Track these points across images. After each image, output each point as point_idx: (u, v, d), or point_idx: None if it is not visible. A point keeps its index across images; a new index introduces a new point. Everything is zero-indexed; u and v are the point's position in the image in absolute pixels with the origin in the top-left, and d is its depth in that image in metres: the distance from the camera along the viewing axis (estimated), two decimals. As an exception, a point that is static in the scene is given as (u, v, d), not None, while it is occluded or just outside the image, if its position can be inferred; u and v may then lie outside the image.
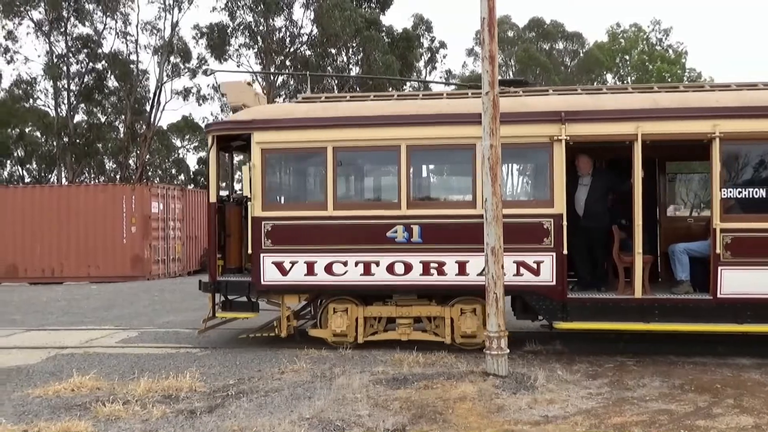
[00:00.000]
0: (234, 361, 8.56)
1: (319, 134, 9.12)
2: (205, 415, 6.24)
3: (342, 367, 8.00)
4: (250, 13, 37.89)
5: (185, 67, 40.16)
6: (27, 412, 6.45)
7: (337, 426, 5.81)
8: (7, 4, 37.34)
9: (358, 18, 35.71)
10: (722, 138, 8.20)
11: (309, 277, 9.03)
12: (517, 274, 8.65)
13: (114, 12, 38.51)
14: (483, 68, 7.83)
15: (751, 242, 8.19)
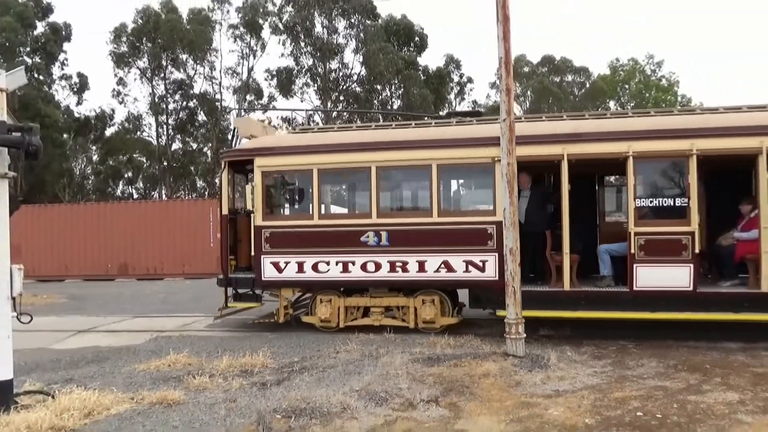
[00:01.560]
0: (298, 343, 8.65)
1: (306, 159, 9.53)
2: (274, 386, 6.33)
3: (386, 348, 7.99)
4: (311, 58, 38.40)
5: (258, 103, 40.91)
6: (133, 383, 6.64)
7: (381, 397, 5.80)
8: (119, 56, 38.73)
9: (398, 60, 35.82)
10: (635, 156, 8.26)
11: (299, 274, 9.42)
12: (467, 271, 8.86)
13: (202, 60, 39.55)
14: (501, 99, 7.77)
15: (660, 244, 8.25)
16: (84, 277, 22.09)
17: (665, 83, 46.08)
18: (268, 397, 5.91)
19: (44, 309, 13.67)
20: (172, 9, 38.27)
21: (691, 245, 8.09)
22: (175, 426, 5.19)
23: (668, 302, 8.22)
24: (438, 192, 9.09)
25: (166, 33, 37.13)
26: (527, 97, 46.84)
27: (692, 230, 8.11)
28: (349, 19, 38.04)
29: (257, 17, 38.51)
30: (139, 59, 39.05)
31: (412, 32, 38.76)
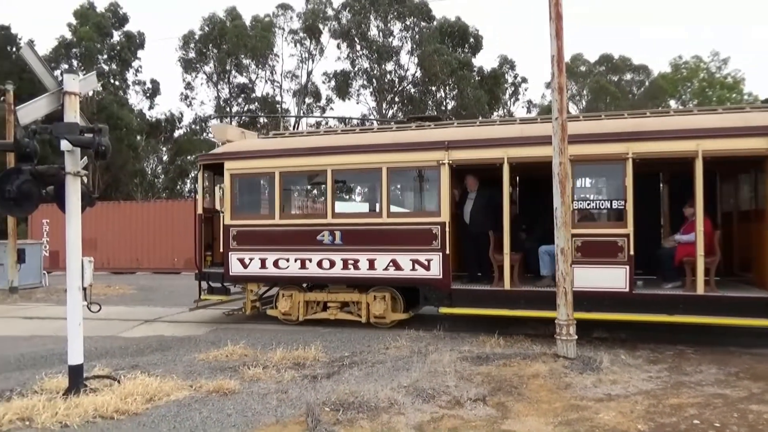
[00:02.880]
0: (349, 338, 8.68)
1: (270, 162, 9.93)
2: (324, 379, 6.36)
3: (435, 345, 7.91)
4: (367, 60, 38.63)
5: (316, 105, 41.55)
6: (192, 371, 6.83)
7: (429, 394, 5.73)
8: (187, 62, 40.18)
9: (453, 61, 35.51)
10: (573, 160, 8.03)
11: (263, 270, 9.89)
12: (413, 270, 9.09)
13: (264, 65, 40.54)
14: (553, 98, 7.53)
15: (594, 245, 8.23)
16: (153, 270, 23.03)
17: (731, 81, 43.60)
18: (318, 390, 5.94)
19: (116, 299, 14.33)
20: (236, 16, 39.39)
21: (627, 247, 8.08)
22: (229, 414, 5.29)
23: (605, 303, 8.20)
24: (388, 194, 9.37)
25: (230, 39, 38.24)
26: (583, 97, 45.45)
27: (627, 233, 8.10)
28: (404, 21, 38.03)
29: (317, 22, 39.07)
30: (205, 64, 40.41)
31: (467, 33, 38.34)
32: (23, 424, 5.10)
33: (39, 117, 5.91)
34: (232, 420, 5.15)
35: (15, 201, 5.69)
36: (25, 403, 5.40)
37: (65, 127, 5.86)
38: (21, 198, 5.72)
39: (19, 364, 7.67)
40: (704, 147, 7.83)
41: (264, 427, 5.00)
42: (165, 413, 5.32)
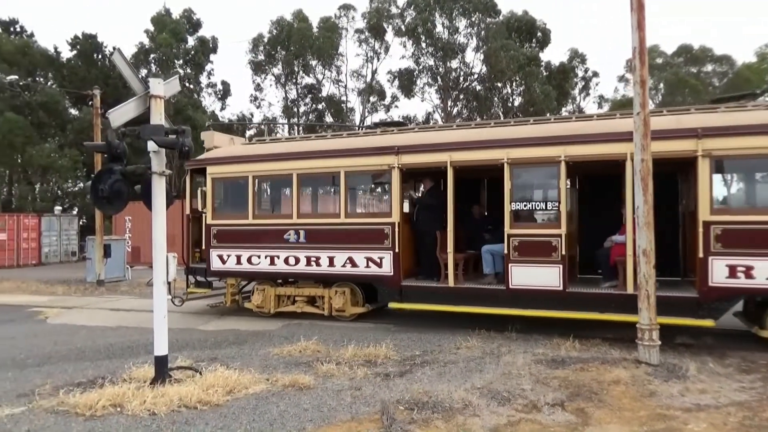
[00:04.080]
0: (419, 336, 8.65)
1: (245, 167, 10.69)
2: (397, 378, 6.36)
3: (507, 346, 7.75)
4: (432, 58, 38.41)
5: (381, 103, 41.76)
6: (268, 365, 7.01)
7: (504, 396, 5.62)
8: (257, 64, 41.37)
9: (520, 56, 34.68)
10: (510, 163, 8.63)
11: (238, 266, 10.66)
12: (368, 267, 9.63)
13: (330, 66, 41.11)
14: (635, 91, 7.19)
15: (530, 245, 8.57)
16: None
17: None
18: (391, 388, 5.95)
19: (192, 293, 14.90)
20: (303, 18, 40.14)
21: (561, 247, 8.33)
22: (305, 409, 5.38)
23: (541, 300, 8.51)
24: (346, 196, 9.95)
25: (297, 41, 39.03)
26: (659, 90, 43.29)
27: (561, 233, 8.36)
28: (469, 17, 37.53)
29: (381, 21, 39.23)
30: (274, 66, 41.44)
31: (534, 28, 37.34)
32: (115, 410, 5.39)
33: (128, 119, 6.23)
34: (309, 415, 5.24)
35: (107, 199, 6.02)
36: (116, 391, 5.71)
37: (152, 129, 6.14)
38: (112, 196, 6.05)
39: (108, 352, 8.13)
40: (631, 149, 7.51)
41: (340, 423, 5.05)
42: (245, 405, 5.48)
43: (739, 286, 7.56)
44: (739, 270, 7.53)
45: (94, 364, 7.34)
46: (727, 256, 7.54)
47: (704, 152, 7.73)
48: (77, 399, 5.57)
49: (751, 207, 8.19)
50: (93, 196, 6.15)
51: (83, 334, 9.79)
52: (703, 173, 7.76)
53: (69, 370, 7.04)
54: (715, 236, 7.68)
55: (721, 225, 7.65)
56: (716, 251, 7.66)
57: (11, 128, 32.13)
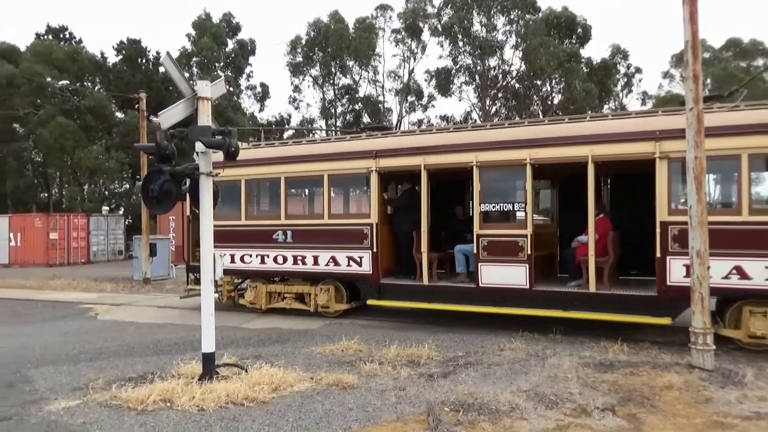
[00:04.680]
0: (461, 337, 8.56)
1: (237, 171, 10.80)
2: (441, 379, 6.31)
3: (552, 349, 7.60)
4: (469, 57, 38.11)
5: (418, 103, 41.68)
6: (311, 364, 7.05)
7: (551, 400, 5.50)
8: (295, 66, 41.85)
9: (560, 53, 34.06)
10: (478, 165, 8.97)
11: (233, 264, 11.18)
12: (349, 265, 10.10)
13: (367, 66, 41.25)
14: (687, 87, 6.94)
15: (498, 245, 8.88)
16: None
17: None
18: (435, 389, 5.90)
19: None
20: (339, 19, 40.39)
21: (527, 247, 8.61)
22: (350, 408, 5.39)
23: (509, 298, 8.80)
24: (329, 198, 10.46)
25: (334, 42, 39.29)
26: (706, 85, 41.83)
27: (527, 233, 8.66)
28: (508, 15, 37.07)
29: (417, 21, 39.14)
30: (311, 68, 41.83)
31: (575, 24, 36.60)
32: (165, 405, 5.51)
33: (177, 121, 6.36)
34: (354, 414, 5.24)
35: (157, 199, 6.17)
36: (166, 386, 5.84)
37: (199, 130, 6.26)
38: (162, 196, 6.20)
39: (156, 349, 8.34)
40: (594, 152, 8.22)
41: (385, 423, 5.03)
42: (290, 403, 5.53)
43: None
44: None
45: (143, 360, 7.54)
46: (684, 256, 7.41)
47: (662, 154, 7.91)
48: (129, 394, 5.72)
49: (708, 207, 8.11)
50: (143, 196, 6.30)
51: (132, 330, 10.08)
52: (661, 175, 7.93)
53: (120, 366, 7.24)
54: (673, 236, 7.84)
55: (678, 225, 7.71)
56: (674, 251, 7.81)
57: (62, 132, 33.37)
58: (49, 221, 27.17)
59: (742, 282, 7.42)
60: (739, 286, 7.45)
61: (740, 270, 7.41)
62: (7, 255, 27.94)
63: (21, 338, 9.53)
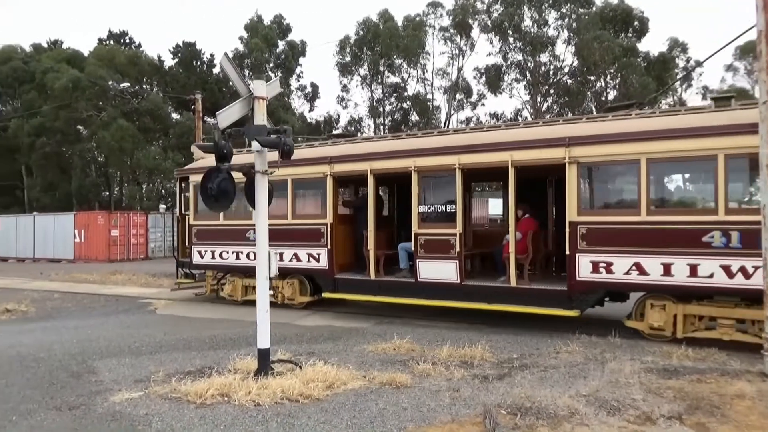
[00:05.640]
0: (516, 338, 8.39)
1: None
2: (496, 381, 6.18)
3: (612, 353, 7.32)
4: (520, 53, 37.45)
5: (467, 101, 41.25)
6: (364, 362, 7.04)
7: (613, 406, 5.28)
8: (343, 66, 42.18)
9: (615, 47, 33.01)
10: (416, 170, 9.80)
11: (213, 260, 12.53)
12: (309, 262, 11.07)
13: (415, 64, 41.15)
14: (760, 79, 6.55)
15: (432, 243, 9.65)
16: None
17: None
18: (491, 391, 5.78)
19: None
20: (389, 18, 40.44)
21: (458, 245, 9.35)
22: (404, 408, 5.34)
23: (443, 292, 9.53)
24: (293, 200, 11.38)
25: (383, 41, 39.36)
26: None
27: (457, 232, 9.39)
28: (560, 9, 36.19)
29: (467, 18, 38.74)
30: (360, 67, 42.05)
31: (631, 17, 35.39)
32: (222, 400, 5.61)
33: (234, 120, 6.46)
34: (408, 414, 5.19)
35: (215, 197, 6.28)
36: (223, 381, 5.95)
37: (256, 129, 6.35)
38: (220, 195, 6.31)
39: (213, 343, 8.53)
40: (514, 157, 8.95)
41: (440, 424, 4.96)
42: (344, 401, 5.53)
43: (600, 280, 8.34)
44: (601, 266, 8.31)
45: (201, 354, 7.72)
46: (590, 253, 8.34)
47: (571, 159, 8.52)
48: (188, 387, 5.86)
49: (610, 209, 8.79)
50: (202, 194, 6.44)
51: (190, 325, 10.36)
52: (571, 178, 8.52)
53: (179, 359, 7.44)
54: (581, 235, 8.45)
55: (585, 225, 8.43)
56: (582, 249, 8.43)
57: (122, 135, 34.81)
58: (111, 219, 28.38)
59: (641, 277, 8.04)
60: (638, 282, 8.09)
61: (639, 266, 8.03)
62: (72, 251, 29.37)
63: (87, 330, 9.96)
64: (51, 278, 21.16)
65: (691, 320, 7.90)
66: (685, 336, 7.80)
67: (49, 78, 37.06)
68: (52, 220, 31.51)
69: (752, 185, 7.83)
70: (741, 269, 7.35)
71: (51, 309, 13.23)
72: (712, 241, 7.52)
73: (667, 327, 7.96)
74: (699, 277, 7.59)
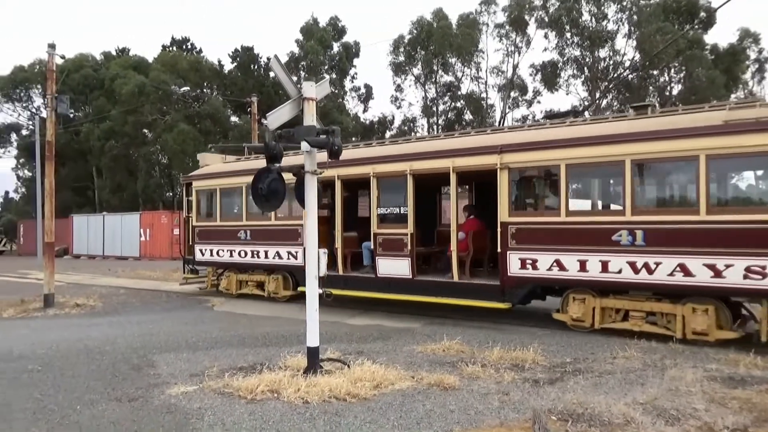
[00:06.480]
0: (569, 342, 8.14)
1: (214, 181, 14.10)
2: (547, 385, 6.01)
3: (673, 359, 6.98)
4: (577, 48, 36.39)
5: (523, 99, 40.46)
6: (413, 363, 7.00)
7: (672, 415, 5.03)
8: (397, 66, 42.22)
9: (680, 39, 31.53)
10: (374, 176, 10.70)
11: (212, 257, 14.15)
12: (288, 259, 12.36)
13: (469, 63, 40.73)
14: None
15: (389, 242, 10.50)
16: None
17: None
18: (541, 396, 5.63)
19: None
20: (442, 17, 40.19)
21: (410, 244, 10.26)
22: (451, 410, 5.27)
23: (399, 286, 10.37)
24: None
25: (437, 40, 39.15)
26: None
27: (409, 232, 10.29)
28: (620, 2, 34.91)
29: (523, 14, 37.99)
30: (414, 67, 41.98)
31: (696, 8, 33.71)
32: (272, 396, 5.71)
33: (284, 121, 6.57)
34: (455, 417, 5.11)
35: (266, 197, 6.41)
36: (273, 377, 6.07)
37: (305, 130, 6.42)
38: (270, 194, 6.43)
39: (265, 340, 8.71)
40: (455, 164, 9.81)
41: (488, 428, 4.86)
42: (391, 401, 5.51)
43: (528, 276, 9.12)
44: (528, 262, 9.08)
45: (254, 351, 7.90)
46: (519, 251, 9.17)
47: (502, 165, 9.29)
48: (240, 382, 6.00)
49: (536, 210, 9.46)
50: (253, 194, 6.58)
51: (244, 322, 10.63)
52: (502, 182, 9.30)
53: (232, 355, 7.64)
54: (511, 234, 9.22)
55: (515, 225, 9.22)
56: (512, 247, 9.22)
57: (184, 138, 36.16)
58: (173, 218, 29.52)
59: (561, 273, 8.77)
60: (559, 277, 8.82)
61: (559, 263, 8.76)
62: (138, 249, 30.77)
63: (149, 325, 10.39)
64: (118, 275, 22.24)
65: (609, 313, 8.65)
66: (602, 327, 8.57)
67: (117, 84, 38.99)
68: (120, 219, 33.15)
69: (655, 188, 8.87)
70: (645, 265, 8.02)
71: (117, 304, 13.89)
72: (620, 240, 8.22)
73: (587, 319, 8.74)
74: (610, 272, 8.31)
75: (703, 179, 7.54)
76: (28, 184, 48.72)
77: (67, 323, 11.18)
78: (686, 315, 7.86)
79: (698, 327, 7.70)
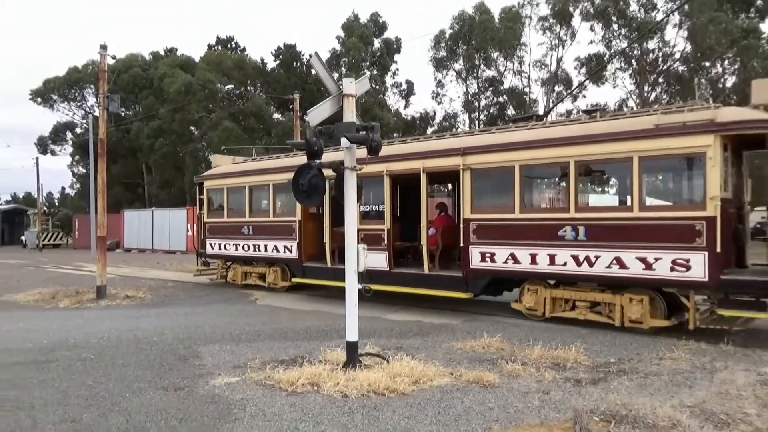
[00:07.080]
0: (614, 342, 7.94)
1: (222, 181, 15.38)
2: (589, 385, 5.88)
3: (723, 362, 6.72)
4: (625, 40, 35.32)
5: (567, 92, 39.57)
6: (452, 359, 6.97)
7: (721, 419, 4.84)
8: (438, 61, 41.99)
9: (734, 29, 30.19)
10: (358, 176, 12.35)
11: (221, 251, 15.35)
12: (283, 252, 13.43)
13: (512, 57, 40.13)
14: None
15: (370, 236, 11.01)
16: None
17: None
18: (583, 396, 5.51)
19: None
20: (484, 11, 39.71)
21: (386, 238, 11.12)
22: (490, 408, 5.23)
23: (379, 277, 10.70)
24: (275, 201, 13.80)
25: (479, 34, 38.71)
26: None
27: (386, 228, 11.13)
28: (670, -9, 33.67)
29: (567, 6, 37.13)
30: (455, 62, 41.64)
31: (753, -5, 32.22)
32: (312, 389, 5.79)
33: (324, 118, 6.63)
34: (494, 414, 5.07)
35: (306, 192, 6.49)
36: (313, 371, 6.14)
37: (345, 126, 6.47)
38: (311, 190, 6.51)
39: (306, 334, 8.83)
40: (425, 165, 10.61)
41: (527, 427, 4.80)
42: (430, 397, 5.51)
43: (487, 268, 9.86)
44: (487, 255, 9.82)
45: (294, 344, 8.03)
46: (479, 245, 9.92)
47: (465, 166, 10.09)
48: (281, 375, 6.11)
49: (495, 207, 9.99)
50: (294, 189, 6.67)
51: (285, 315, 10.81)
52: (465, 182, 10.08)
53: (274, 348, 7.78)
54: (473, 230, 9.98)
55: (476, 221, 9.98)
56: (473, 241, 9.99)
57: (228, 135, 36.96)
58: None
59: (515, 266, 9.49)
60: (514, 269, 9.53)
61: (513, 256, 9.49)
62: (185, 243, 31.66)
63: (194, 317, 10.70)
64: (166, 268, 22.97)
65: (559, 303, 9.39)
66: (552, 315, 9.33)
67: (165, 83, 40.17)
68: (168, 214, 34.20)
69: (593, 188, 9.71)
70: (586, 258, 8.71)
71: (164, 296, 14.35)
72: (565, 235, 8.91)
73: (539, 308, 9.52)
74: (556, 265, 9.03)
75: (636, 179, 8.25)
76: (82, 180, 50.85)
77: (118, 314, 11.63)
78: (624, 305, 8.60)
79: (633, 316, 8.46)
